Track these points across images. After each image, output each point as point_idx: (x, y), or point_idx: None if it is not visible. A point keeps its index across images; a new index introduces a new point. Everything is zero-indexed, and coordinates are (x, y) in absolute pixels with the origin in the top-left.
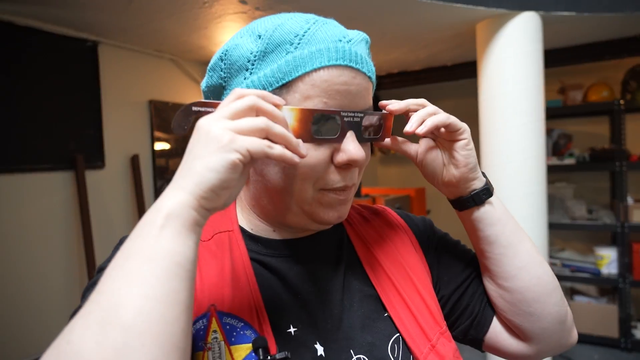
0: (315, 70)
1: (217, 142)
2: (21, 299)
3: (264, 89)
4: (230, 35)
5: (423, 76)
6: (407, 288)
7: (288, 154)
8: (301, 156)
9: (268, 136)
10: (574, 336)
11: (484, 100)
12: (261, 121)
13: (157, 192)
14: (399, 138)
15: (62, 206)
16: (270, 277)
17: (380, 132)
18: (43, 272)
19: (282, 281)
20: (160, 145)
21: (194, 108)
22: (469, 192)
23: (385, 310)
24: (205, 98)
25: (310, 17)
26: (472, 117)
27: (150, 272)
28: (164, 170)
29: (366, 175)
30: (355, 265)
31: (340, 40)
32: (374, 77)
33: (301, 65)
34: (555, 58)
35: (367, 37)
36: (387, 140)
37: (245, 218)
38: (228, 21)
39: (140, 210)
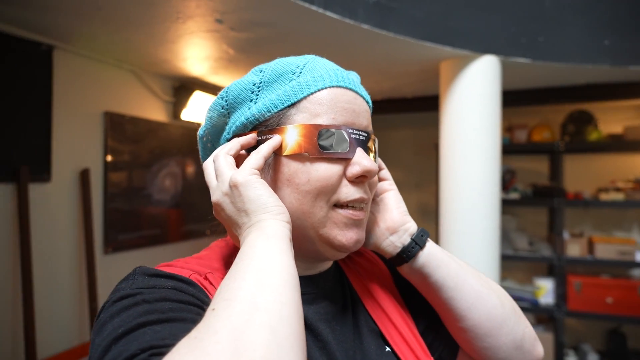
0: (319, 90)
1: (235, 185)
2: None
3: (269, 111)
4: (198, 51)
5: (384, 106)
6: (400, 322)
7: (271, 142)
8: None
9: (242, 145)
10: (538, 352)
11: (445, 136)
12: (234, 141)
13: (107, 210)
14: None
15: (1, 221)
16: None
17: (376, 156)
18: None
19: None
20: (113, 159)
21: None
22: (410, 234)
23: (387, 344)
24: (203, 143)
25: (307, 55)
26: (429, 147)
27: (277, 282)
28: (116, 186)
29: None
30: (355, 299)
31: (338, 69)
32: (370, 105)
33: (306, 87)
34: (508, 99)
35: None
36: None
37: None
38: (199, 38)
39: (87, 228)
